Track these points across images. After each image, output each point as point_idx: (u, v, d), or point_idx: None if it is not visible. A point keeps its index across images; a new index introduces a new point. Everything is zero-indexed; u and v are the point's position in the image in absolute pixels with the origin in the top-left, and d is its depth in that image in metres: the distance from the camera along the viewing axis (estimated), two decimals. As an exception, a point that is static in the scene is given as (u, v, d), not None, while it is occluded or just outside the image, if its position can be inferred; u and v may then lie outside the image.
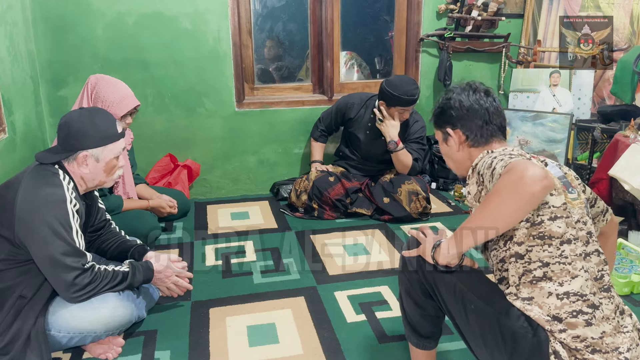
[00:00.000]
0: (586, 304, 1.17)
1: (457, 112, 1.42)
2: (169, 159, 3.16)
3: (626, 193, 2.45)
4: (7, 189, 1.59)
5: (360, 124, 3.02)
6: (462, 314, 1.28)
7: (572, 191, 1.28)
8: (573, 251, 1.20)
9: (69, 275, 1.54)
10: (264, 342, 1.82)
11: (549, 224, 1.20)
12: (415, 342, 1.48)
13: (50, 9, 2.81)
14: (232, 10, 3.09)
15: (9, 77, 2.39)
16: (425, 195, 2.89)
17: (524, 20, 3.60)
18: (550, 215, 1.20)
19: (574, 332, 1.15)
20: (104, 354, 1.72)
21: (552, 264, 1.19)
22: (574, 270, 1.18)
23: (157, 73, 3.05)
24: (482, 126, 1.39)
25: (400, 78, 2.86)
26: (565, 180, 1.29)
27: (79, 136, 1.62)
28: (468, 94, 1.42)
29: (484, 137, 1.40)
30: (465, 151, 1.43)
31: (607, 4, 3.18)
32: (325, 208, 2.92)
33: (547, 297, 1.18)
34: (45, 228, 1.51)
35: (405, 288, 1.42)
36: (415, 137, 2.97)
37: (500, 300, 1.25)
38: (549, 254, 1.19)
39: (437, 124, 1.49)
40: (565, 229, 1.20)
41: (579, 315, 1.16)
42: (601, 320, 1.17)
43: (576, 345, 1.15)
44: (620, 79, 2.88)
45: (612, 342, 1.16)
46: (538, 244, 1.20)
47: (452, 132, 1.43)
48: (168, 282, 1.86)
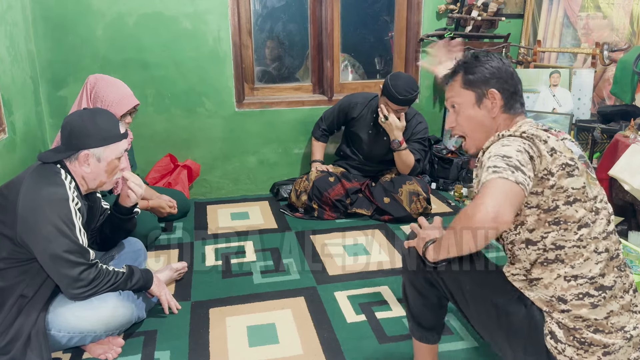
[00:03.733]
0: (594, 287, 1.17)
1: (497, 74, 1.32)
2: (169, 159, 3.16)
3: (626, 193, 2.45)
4: (9, 189, 1.59)
5: (363, 123, 3.02)
6: (462, 297, 1.31)
7: (591, 171, 1.25)
8: (590, 234, 1.18)
9: (74, 271, 1.55)
10: (264, 342, 1.82)
11: (564, 209, 1.17)
12: (418, 336, 1.49)
13: (50, 8, 2.81)
14: (232, 10, 3.09)
15: (9, 77, 2.39)
16: (426, 196, 2.89)
17: (524, 20, 3.60)
18: (567, 200, 1.17)
19: (577, 312, 1.16)
20: (103, 354, 1.72)
21: (567, 247, 1.18)
22: (587, 253, 1.18)
23: (157, 73, 3.04)
24: (516, 92, 1.33)
25: (406, 78, 2.80)
26: (585, 160, 1.25)
27: (81, 135, 1.63)
28: (502, 62, 1.35)
29: (517, 105, 1.33)
30: (498, 117, 1.33)
31: (607, 4, 3.18)
32: (325, 208, 2.92)
33: (556, 278, 1.19)
34: (49, 226, 1.52)
35: (409, 277, 1.43)
36: (417, 137, 2.98)
37: (496, 281, 1.26)
38: (566, 237, 1.18)
39: (471, 83, 1.34)
40: (584, 212, 1.18)
41: (585, 297, 1.16)
42: (609, 299, 1.17)
43: (576, 324, 1.16)
44: (620, 79, 2.87)
45: (617, 322, 1.17)
46: (554, 229, 1.18)
47: (493, 91, 1.31)
48: (161, 294, 1.89)
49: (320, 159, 3.18)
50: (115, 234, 1.94)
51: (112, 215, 1.89)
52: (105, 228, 1.91)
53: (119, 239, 2.01)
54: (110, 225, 1.90)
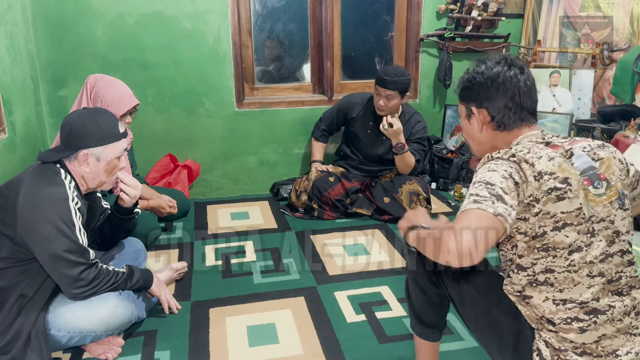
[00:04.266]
0: (584, 311, 1.12)
1: (485, 90, 1.26)
2: (169, 159, 3.16)
3: (626, 193, 2.45)
4: (9, 188, 1.59)
5: (362, 123, 3.02)
6: (461, 303, 1.32)
7: (597, 185, 1.15)
8: (583, 259, 1.12)
9: (74, 271, 1.55)
10: (264, 342, 1.82)
11: (552, 235, 1.12)
12: (419, 332, 1.49)
13: (50, 8, 2.81)
14: (232, 10, 3.09)
15: (9, 77, 2.39)
16: (426, 196, 2.89)
17: (524, 20, 3.60)
18: (555, 225, 1.11)
19: (565, 336, 1.13)
20: (103, 354, 1.72)
21: (557, 272, 1.14)
22: (578, 278, 1.13)
23: (157, 73, 3.04)
24: (511, 108, 1.25)
25: (396, 66, 2.94)
26: (591, 173, 1.15)
27: (80, 135, 1.63)
28: (502, 69, 1.26)
29: (511, 120, 1.26)
30: (488, 133, 1.30)
31: (607, 4, 3.18)
32: (325, 208, 2.92)
33: (544, 300, 1.16)
34: (49, 226, 1.52)
35: (411, 272, 1.43)
36: (416, 137, 2.98)
37: (496, 293, 1.26)
38: (556, 264, 1.13)
39: (462, 98, 1.34)
40: (576, 237, 1.12)
41: (573, 322, 1.12)
42: (603, 323, 1.12)
43: (562, 345, 1.14)
44: (620, 79, 2.87)
45: (610, 345, 1.12)
46: (543, 256, 1.14)
47: (476, 110, 1.29)
48: (161, 294, 1.89)
49: (320, 159, 3.18)
50: (115, 233, 1.94)
51: (112, 215, 1.89)
52: (105, 228, 1.91)
53: (119, 238, 2.01)
54: (110, 225, 1.90)
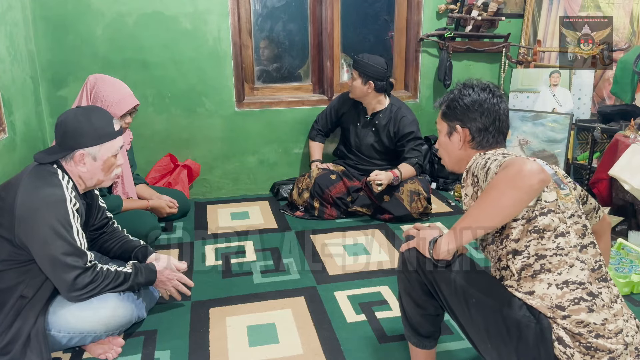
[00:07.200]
0: (585, 292, 1.19)
1: (472, 112, 1.39)
2: (169, 159, 3.16)
3: (626, 193, 2.45)
4: (6, 190, 1.59)
5: (351, 116, 3.08)
6: (465, 309, 1.28)
7: (563, 187, 1.30)
8: (568, 243, 1.22)
9: (70, 275, 1.55)
10: (264, 342, 1.82)
11: (541, 218, 1.23)
12: (415, 342, 1.48)
13: (50, 9, 2.81)
14: (232, 10, 3.09)
15: (9, 77, 2.39)
16: (427, 196, 2.90)
17: (524, 20, 3.60)
18: (542, 210, 1.23)
19: (577, 317, 1.17)
20: (104, 354, 1.72)
21: (549, 256, 1.21)
22: (571, 260, 1.21)
23: (157, 73, 3.04)
24: (491, 132, 1.39)
25: (376, 56, 2.91)
26: (556, 178, 1.31)
27: (76, 135, 1.62)
28: (488, 96, 1.40)
29: (489, 142, 1.40)
30: (466, 151, 1.43)
31: (607, 4, 3.18)
32: (326, 206, 2.92)
33: (547, 288, 1.20)
34: (46, 228, 1.51)
35: (405, 287, 1.42)
36: (406, 132, 2.94)
37: (501, 292, 1.26)
38: (545, 246, 1.21)
39: (447, 116, 1.46)
40: (558, 223, 1.23)
41: (581, 302, 1.18)
42: (601, 308, 1.18)
43: (579, 330, 1.17)
44: (620, 79, 2.87)
45: (614, 327, 1.17)
46: (534, 237, 1.23)
47: (460, 129, 1.42)
48: (169, 285, 1.87)
49: (319, 158, 3.19)
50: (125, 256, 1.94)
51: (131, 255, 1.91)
52: (114, 247, 1.92)
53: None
54: (122, 252, 1.92)
